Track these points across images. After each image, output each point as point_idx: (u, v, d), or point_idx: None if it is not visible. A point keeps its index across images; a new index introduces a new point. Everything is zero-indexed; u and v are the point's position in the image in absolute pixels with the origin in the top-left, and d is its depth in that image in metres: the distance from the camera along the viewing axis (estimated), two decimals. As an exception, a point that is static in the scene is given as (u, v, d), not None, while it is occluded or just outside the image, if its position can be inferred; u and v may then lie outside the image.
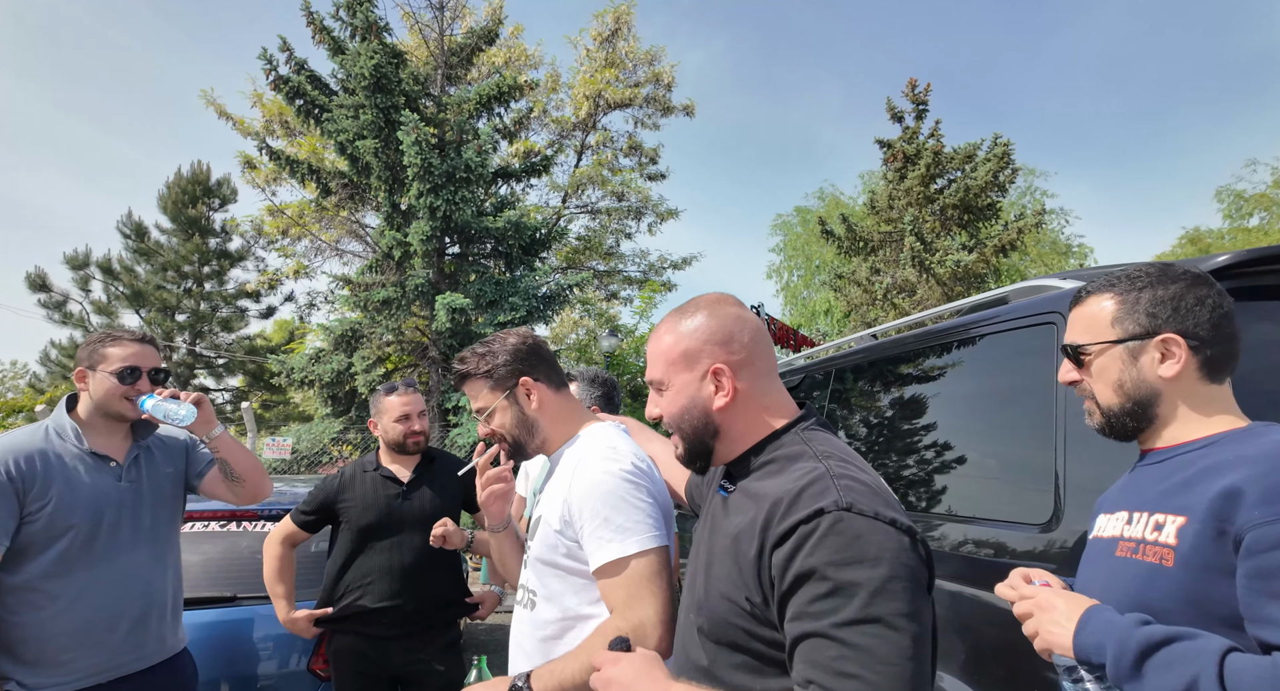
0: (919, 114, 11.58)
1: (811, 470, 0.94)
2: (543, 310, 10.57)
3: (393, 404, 2.54)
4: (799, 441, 1.03)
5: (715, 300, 1.13)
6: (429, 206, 10.11)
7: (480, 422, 1.51)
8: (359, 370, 10.61)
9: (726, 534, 1.01)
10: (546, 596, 1.38)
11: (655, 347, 1.14)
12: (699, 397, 1.07)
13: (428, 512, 2.50)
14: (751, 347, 1.07)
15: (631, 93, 15.28)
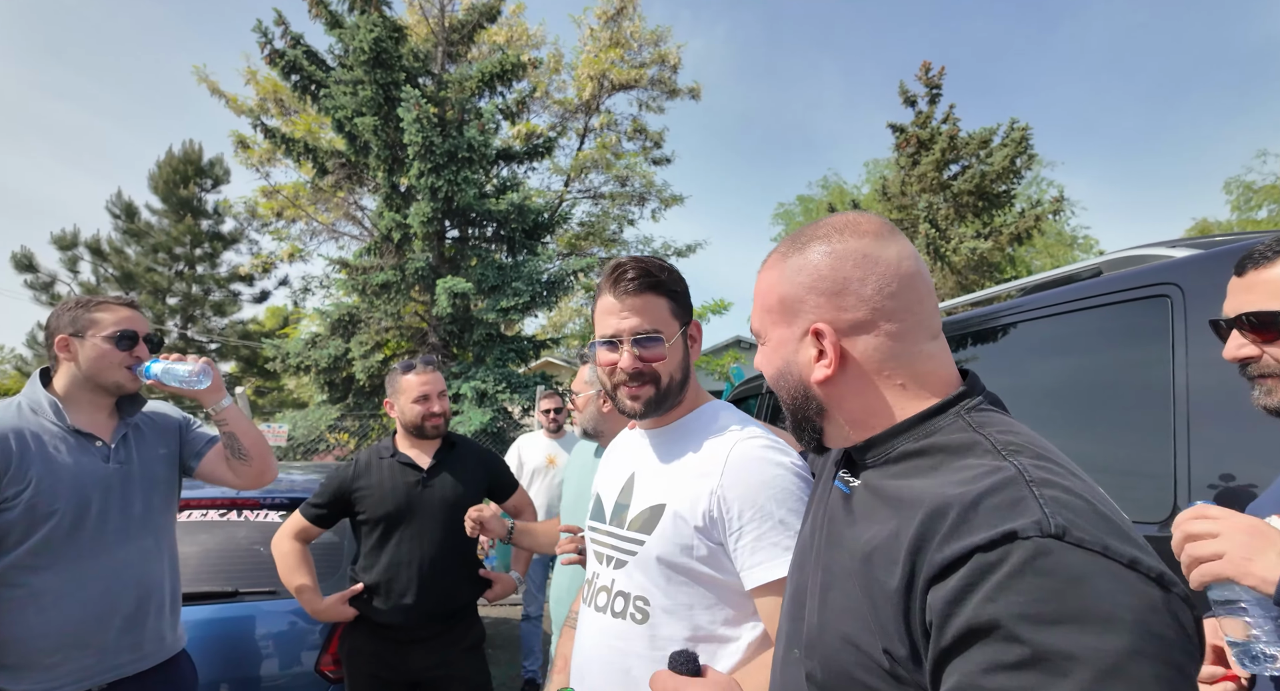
0: (932, 98, 11.32)
1: (992, 471, 0.64)
2: (546, 296, 10.32)
3: (411, 383, 2.32)
4: (964, 426, 0.73)
5: (844, 226, 0.81)
6: (430, 187, 9.82)
7: (633, 349, 1.18)
8: (356, 356, 10.35)
9: (853, 549, 0.74)
10: (669, 609, 1.12)
11: (756, 286, 0.90)
12: (796, 362, 0.83)
13: (450, 501, 2.30)
14: (880, 301, 0.76)
15: (636, 74, 14.94)
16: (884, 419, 0.79)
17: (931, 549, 0.62)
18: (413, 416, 2.31)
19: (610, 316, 1.21)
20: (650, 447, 1.27)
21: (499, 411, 9.74)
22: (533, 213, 10.84)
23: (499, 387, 9.59)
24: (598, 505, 1.32)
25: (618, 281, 1.20)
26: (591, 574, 1.27)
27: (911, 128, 11.41)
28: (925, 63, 11.41)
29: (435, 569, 2.23)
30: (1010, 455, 0.66)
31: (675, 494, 1.15)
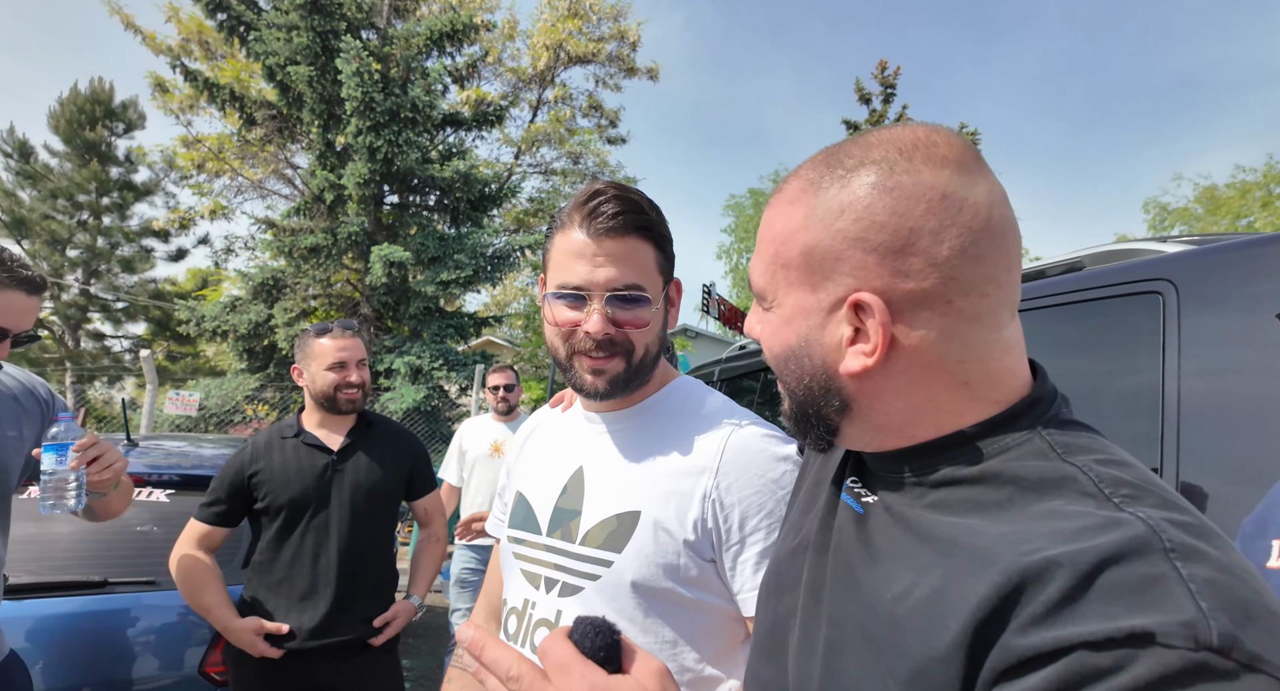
0: (886, 97, 11.45)
1: (1107, 525, 0.44)
2: (490, 271, 9.91)
3: (324, 348, 2.01)
4: (1043, 449, 0.53)
5: (909, 146, 0.55)
6: (368, 147, 9.22)
7: (606, 308, 0.89)
8: (280, 323, 9.70)
9: (873, 601, 0.55)
10: (645, 649, 0.86)
11: (765, 224, 0.63)
12: (819, 342, 0.58)
13: (365, 488, 2.02)
14: (959, 266, 0.53)
15: (594, 47, 14.52)
16: (931, 427, 0.58)
17: (1011, 630, 0.43)
18: (324, 386, 2.01)
19: (578, 261, 0.88)
20: (607, 436, 1.00)
21: (434, 389, 9.31)
22: (479, 183, 10.36)
23: (435, 364, 9.16)
24: (522, 511, 1.03)
25: (594, 214, 0.88)
26: (521, 602, 0.96)
27: (865, 125, 11.51)
28: (882, 61, 11.52)
29: (345, 567, 1.94)
30: (1127, 502, 0.46)
31: (653, 498, 0.90)
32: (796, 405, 0.64)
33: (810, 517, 0.72)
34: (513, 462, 1.15)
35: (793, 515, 0.79)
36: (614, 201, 0.89)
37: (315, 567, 1.91)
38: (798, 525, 0.75)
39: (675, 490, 0.89)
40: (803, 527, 0.73)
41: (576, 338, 0.91)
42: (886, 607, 0.53)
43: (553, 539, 0.96)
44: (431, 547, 2.27)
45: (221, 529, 1.96)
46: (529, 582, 0.96)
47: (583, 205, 0.90)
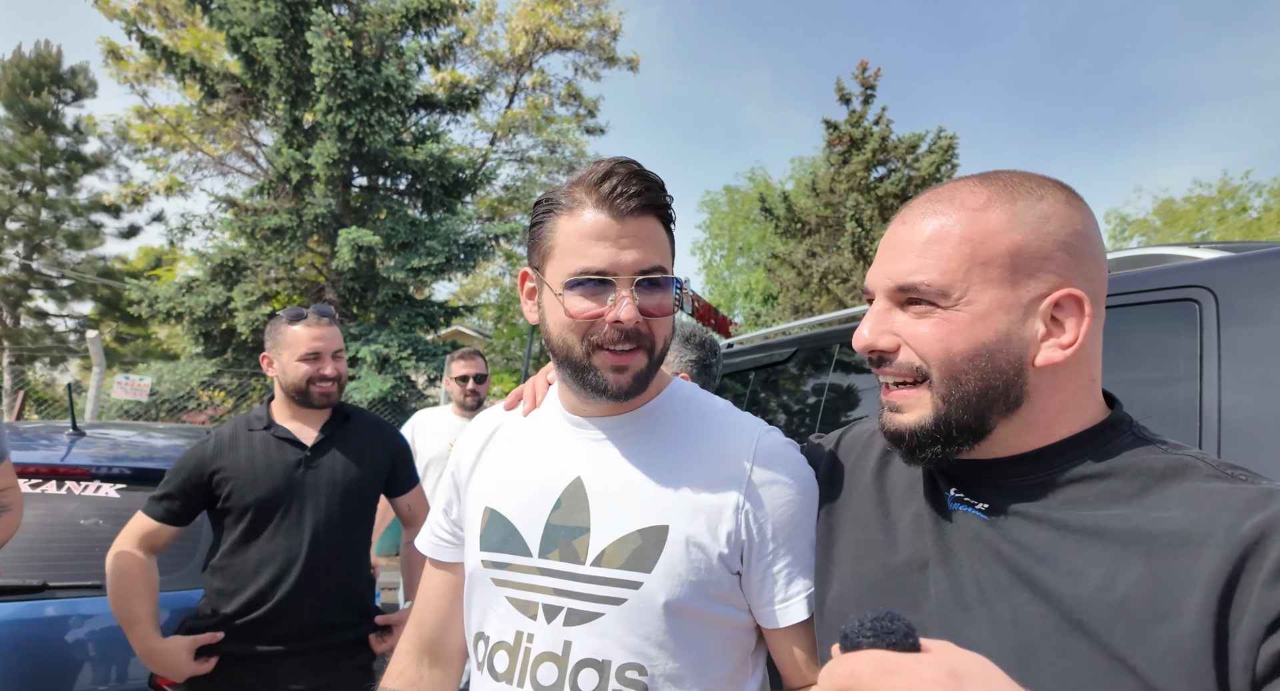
0: (866, 98, 11.48)
1: (1266, 495, 0.54)
2: (463, 259, 9.65)
3: (298, 336, 1.84)
4: (1151, 447, 0.63)
5: (1059, 184, 0.68)
6: (338, 125, 8.88)
7: (633, 296, 0.79)
8: (240, 306, 9.30)
9: (1070, 595, 0.58)
10: (676, 675, 0.80)
11: (942, 228, 0.65)
12: (1017, 337, 0.63)
13: (341, 487, 1.85)
14: (1104, 278, 0.67)
15: (575, 34, 14.27)
16: (1068, 424, 0.65)
17: (1258, 590, 0.50)
18: (296, 378, 1.83)
19: (601, 243, 0.79)
20: (609, 444, 0.90)
21: (401, 379, 9.04)
22: (454, 168, 10.08)
23: (403, 353, 8.89)
24: (500, 531, 0.90)
25: (614, 193, 0.79)
26: (513, 635, 0.85)
27: (845, 125, 11.54)
28: (863, 62, 11.53)
29: (316, 569, 1.78)
30: (1254, 478, 0.58)
31: (680, 511, 0.83)
32: (962, 407, 0.65)
33: (902, 534, 0.74)
34: (463, 474, 1.00)
35: (863, 533, 0.78)
36: (634, 178, 0.80)
37: (288, 569, 1.75)
38: (886, 543, 0.75)
39: (705, 501, 0.83)
40: (899, 544, 0.74)
41: (599, 330, 0.81)
42: (1093, 598, 0.57)
43: (549, 560, 0.85)
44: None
45: (171, 527, 1.76)
46: (521, 612, 0.85)
47: (598, 184, 0.80)
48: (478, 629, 0.91)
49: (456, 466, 1.02)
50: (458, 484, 1.02)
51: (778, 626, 0.84)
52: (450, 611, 1.02)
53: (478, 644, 0.90)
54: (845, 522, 0.81)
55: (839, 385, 2.63)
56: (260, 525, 1.76)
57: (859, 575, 0.75)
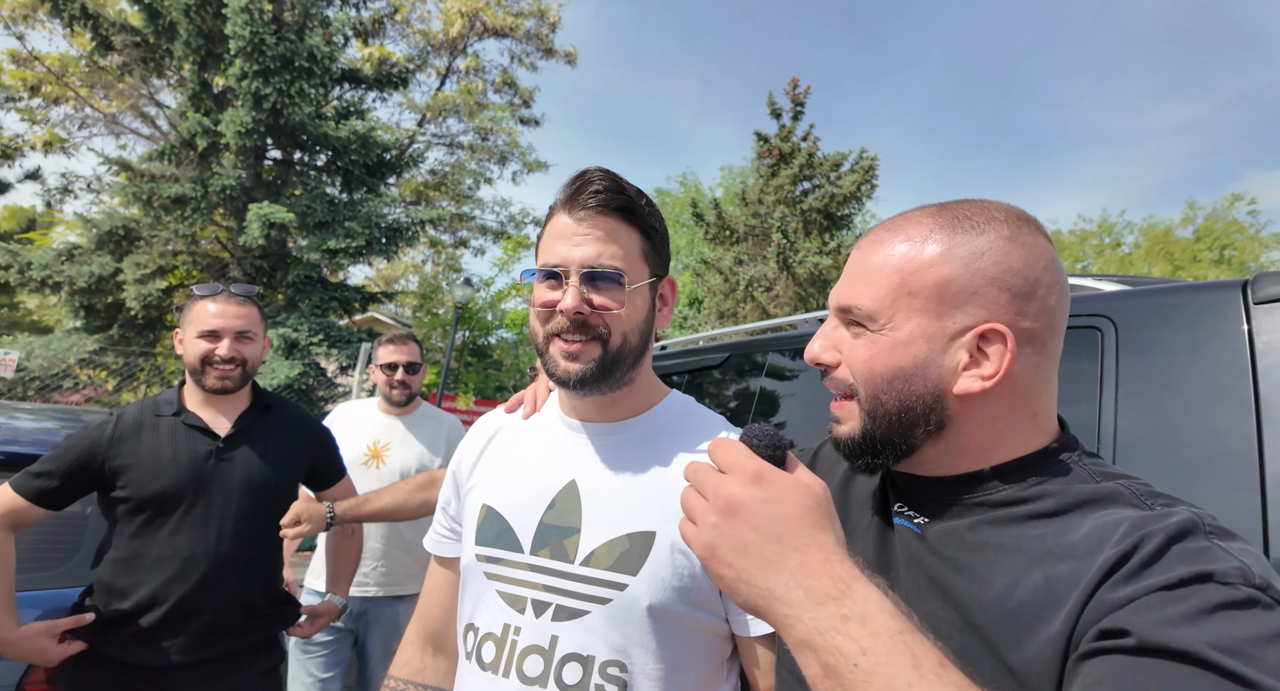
0: (796, 114, 11.87)
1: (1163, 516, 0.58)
2: (385, 243, 9.24)
3: (202, 312, 1.71)
4: (1087, 475, 0.65)
5: (1020, 216, 0.69)
6: (253, 93, 8.30)
7: (577, 287, 0.86)
8: (129, 279, 8.53)
9: (973, 601, 0.63)
10: (657, 675, 0.84)
11: (883, 257, 0.70)
12: (935, 364, 0.67)
13: (256, 483, 1.74)
14: (1054, 317, 0.67)
15: (513, 22, 13.97)
16: (1004, 451, 0.68)
17: (1105, 589, 0.54)
18: (192, 356, 1.69)
19: (559, 241, 0.89)
20: (604, 449, 0.95)
21: (310, 366, 8.56)
22: (378, 147, 9.63)
23: (314, 338, 8.43)
24: (495, 527, 0.95)
25: (577, 194, 0.88)
26: (501, 627, 0.89)
27: (775, 139, 11.89)
28: (794, 78, 11.92)
29: (222, 574, 1.65)
30: (1167, 505, 0.61)
31: (667, 517, 0.87)
32: (883, 424, 0.69)
33: (855, 543, 0.77)
34: (465, 472, 1.06)
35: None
36: (597, 182, 0.88)
37: (190, 568, 1.62)
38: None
39: None
40: (852, 552, 0.74)
41: (554, 320, 0.89)
42: (992, 603, 0.61)
43: (539, 557, 0.90)
44: (349, 542, 2.06)
45: (40, 509, 1.59)
46: (510, 605, 0.90)
47: (568, 187, 0.90)
48: (469, 620, 0.94)
49: (458, 465, 1.07)
50: (458, 482, 1.07)
51: (750, 635, 0.88)
52: (452, 604, 1.06)
53: (467, 634, 0.94)
54: None
55: (769, 391, 2.72)
56: (161, 519, 1.62)
57: None
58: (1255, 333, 1.28)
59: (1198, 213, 19.99)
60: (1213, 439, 1.29)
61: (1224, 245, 19.13)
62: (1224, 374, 1.30)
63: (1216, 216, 19.62)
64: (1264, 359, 1.24)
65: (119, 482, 1.61)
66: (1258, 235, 19.06)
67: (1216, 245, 19.20)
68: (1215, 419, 1.29)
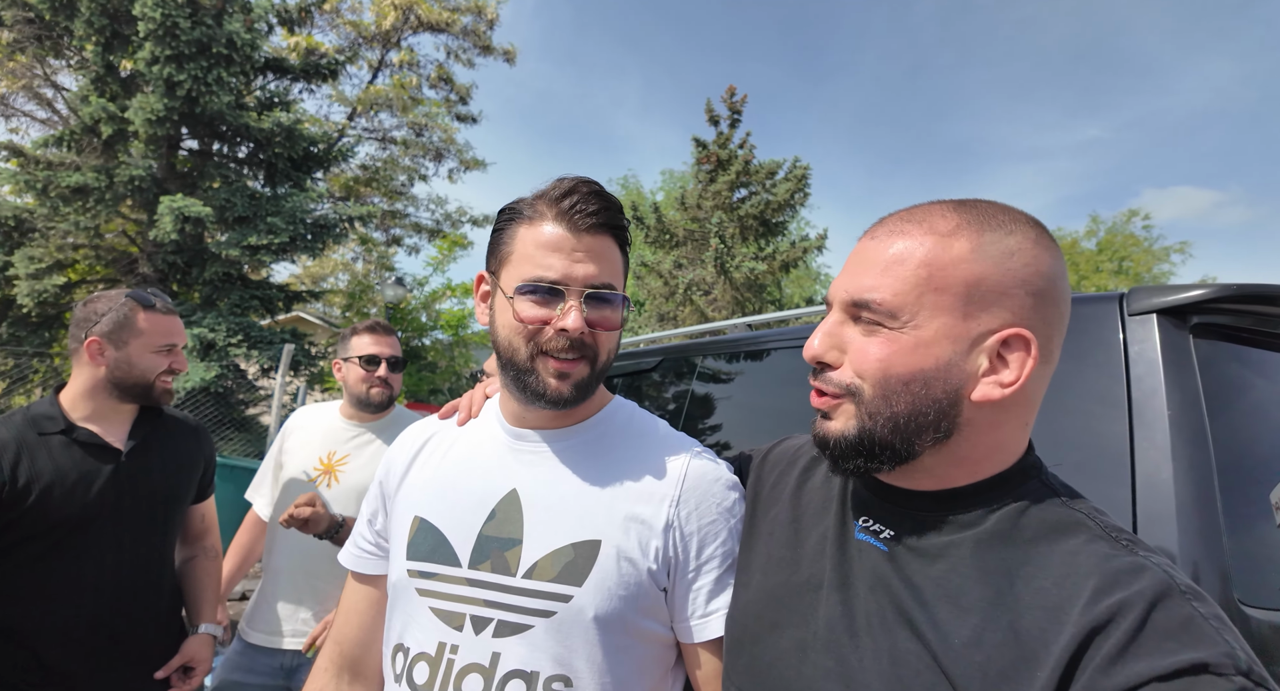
0: (733, 121, 12.12)
1: (1134, 570, 0.56)
2: (311, 240, 8.85)
3: (156, 324, 1.60)
4: (1052, 495, 0.65)
5: (1038, 223, 0.67)
6: (165, 79, 7.80)
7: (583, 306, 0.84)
8: (22, 273, 7.87)
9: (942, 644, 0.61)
10: (599, 688, 0.82)
11: (905, 249, 0.65)
12: (958, 368, 0.63)
13: (161, 496, 1.64)
14: (1064, 325, 0.65)
15: (449, 17, 13.65)
16: (997, 464, 0.66)
17: (1093, 671, 0.52)
18: (144, 371, 1.58)
19: (556, 254, 0.84)
20: (548, 457, 0.92)
21: (229, 368, 8.11)
22: (304, 140, 9.23)
23: (233, 339, 7.99)
24: (429, 540, 0.90)
25: (574, 210, 0.84)
26: (435, 646, 0.84)
27: (713, 146, 12.10)
28: (731, 87, 12.18)
29: (126, 593, 1.55)
30: (1134, 546, 0.59)
31: (613, 526, 0.86)
32: (888, 427, 0.65)
33: (806, 553, 0.76)
34: (393, 483, 0.99)
35: (773, 549, 0.81)
36: (593, 198, 0.85)
37: (95, 598, 1.51)
38: (791, 560, 0.77)
39: (636, 517, 0.86)
40: (801, 563, 0.76)
41: (545, 337, 0.85)
42: (960, 653, 0.59)
43: (479, 571, 0.86)
44: (213, 563, 1.88)
45: None
46: (446, 623, 0.85)
47: (559, 200, 0.85)
48: (397, 640, 0.89)
49: (385, 475, 1.01)
50: (385, 493, 1.00)
51: (694, 642, 0.87)
52: (373, 626, 0.99)
53: (396, 656, 0.89)
54: (761, 536, 0.85)
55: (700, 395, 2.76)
56: (61, 548, 1.49)
57: (764, 588, 0.78)
58: (1129, 342, 1.39)
59: (1100, 226, 21.61)
60: (1095, 440, 1.39)
61: (1122, 257, 20.73)
62: (1104, 380, 1.41)
63: (1116, 230, 21.25)
64: (1136, 366, 1.35)
65: (10, 514, 1.45)
66: (1151, 248, 20.73)
67: (1116, 257, 20.78)
68: (1096, 421, 1.40)
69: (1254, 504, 1.27)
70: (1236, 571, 1.12)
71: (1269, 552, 1.22)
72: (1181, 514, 1.16)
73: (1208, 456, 1.23)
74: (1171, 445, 1.25)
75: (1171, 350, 1.33)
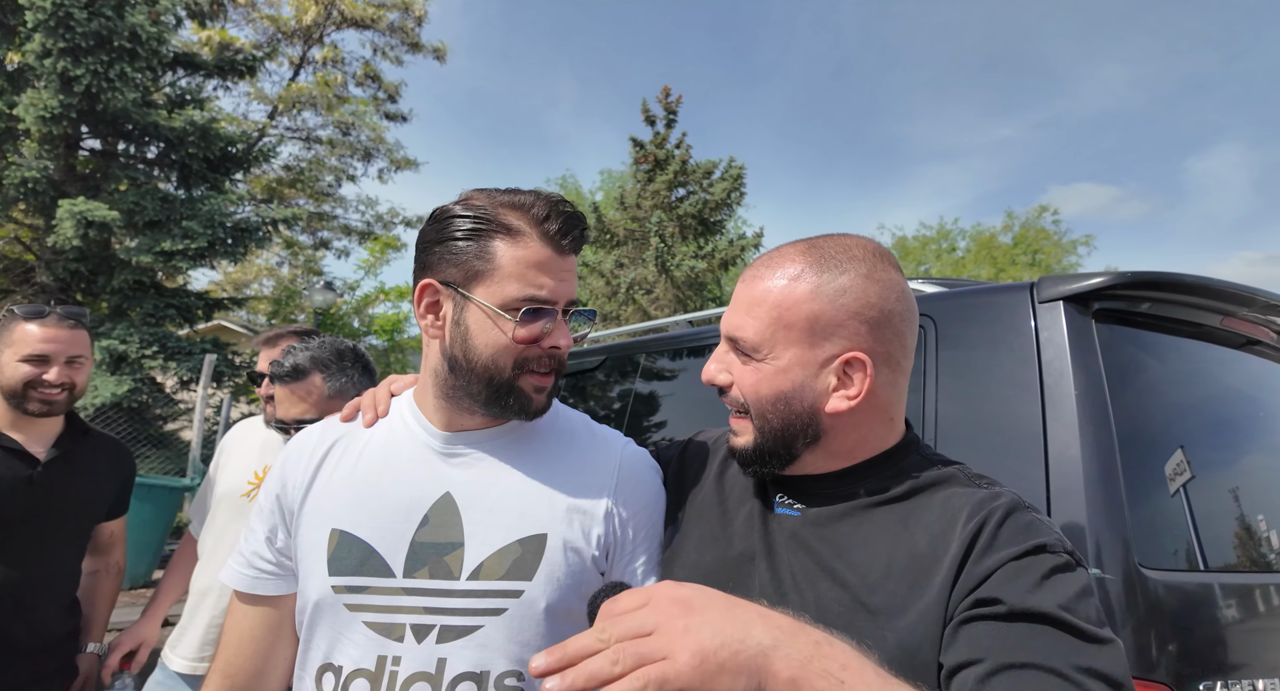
0: (669, 122, 12.21)
1: (994, 496, 0.75)
2: (232, 245, 8.40)
3: (27, 335, 1.60)
4: (928, 464, 0.82)
5: (876, 253, 0.80)
6: (60, 73, 7.26)
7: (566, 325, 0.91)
8: (-102, 286, 7.14)
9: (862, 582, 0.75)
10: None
11: (763, 292, 0.80)
12: (810, 388, 0.78)
13: (74, 510, 1.69)
14: (904, 338, 0.80)
15: (374, 13, 13.23)
16: (868, 451, 0.82)
17: (969, 565, 0.69)
18: (13, 380, 1.58)
19: (546, 274, 0.86)
20: (481, 458, 0.92)
21: (143, 381, 7.62)
22: (221, 140, 8.75)
23: (147, 350, 7.50)
24: (355, 553, 0.86)
25: (565, 231, 0.87)
26: (374, 660, 0.82)
27: (650, 146, 12.17)
28: (666, 87, 12.27)
29: (44, 603, 1.60)
30: (990, 484, 0.77)
31: (557, 518, 0.89)
32: (770, 438, 0.81)
33: (737, 530, 0.87)
34: (295, 496, 0.93)
35: (705, 529, 0.90)
36: (575, 220, 0.88)
37: (2, 602, 1.54)
38: (723, 538, 0.88)
39: (579, 509, 0.90)
40: (734, 540, 0.87)
41: (532, 354, 0.87)
42: (879, 582, 0.72)
43: (417, 579, 0.84)
44: (113, 582, 1.88)
45: None
46: (384, 635, 0.83)
47: (543, 220, 0.86)
48: (324, 660, 0.85)
49: (283, 488, 0.94)
50: (286, 508, 0.93)
51: None
52: (271, 651, 0.93)
53: (323, 676, 0.85)
54: (690, 518, 0.94)
55: (643, 392, 2.77)
56: None
57: (699, 565, 0.87)
58: (1040, 328, 1.47)
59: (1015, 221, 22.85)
60: (1011, 422, 1.47)
61: (1035, 250, 21.99)
62: (1017, 365, 1.49)
63: (1029, 225, 22.53)
64: (1046, 351, 1.43)
65: None
66: (1060, 241, 22.10)
67: (1030, 250, 22.03)
68: (1011, 405, 1.48)
69: (1151, 476, 1.37)
70: (1136, 538, 1.21)
71: (1164, 520, 1.32)
72: (1089, 487, 1.24)
73: (1110, 433, 1.32)
74: (1079, 424, 1.33)
75: (1077, 334, 1.42)
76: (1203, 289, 1.46)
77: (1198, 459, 1.44)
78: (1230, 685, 1.14)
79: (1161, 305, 1.52)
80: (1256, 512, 1.46)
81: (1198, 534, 1.32)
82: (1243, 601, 1.28)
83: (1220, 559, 1.36)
